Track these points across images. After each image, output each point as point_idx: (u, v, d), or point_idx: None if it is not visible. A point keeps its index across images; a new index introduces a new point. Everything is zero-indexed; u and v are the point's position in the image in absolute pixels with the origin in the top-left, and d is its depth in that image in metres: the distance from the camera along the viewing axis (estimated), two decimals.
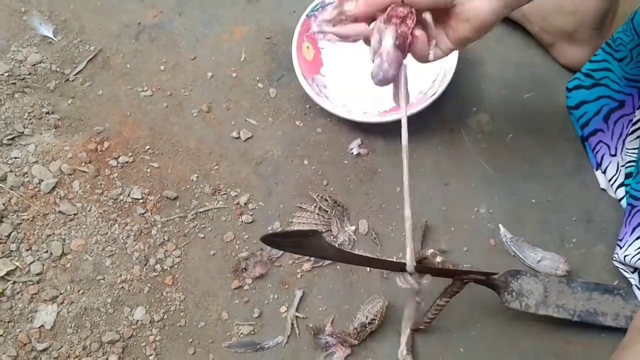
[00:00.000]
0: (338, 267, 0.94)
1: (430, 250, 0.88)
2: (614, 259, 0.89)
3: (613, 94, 0.94)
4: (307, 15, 1.04)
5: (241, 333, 0.90)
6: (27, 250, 0.93)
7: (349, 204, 0.97)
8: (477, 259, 0.94)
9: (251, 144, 1.02)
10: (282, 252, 0.94)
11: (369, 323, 0.86)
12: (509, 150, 1.02)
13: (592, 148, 0.98)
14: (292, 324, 0.90)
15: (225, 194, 0.98)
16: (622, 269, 0.89)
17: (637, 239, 0.86)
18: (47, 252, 0.93)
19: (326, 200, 0.96)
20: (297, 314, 0.91)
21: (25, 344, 0.88)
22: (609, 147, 0.96)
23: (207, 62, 1.09)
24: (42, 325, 0.89)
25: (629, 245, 0.86)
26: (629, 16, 0.86)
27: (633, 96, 0.92)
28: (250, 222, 0.97)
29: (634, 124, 0.93)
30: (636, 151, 0.91)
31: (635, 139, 0.93)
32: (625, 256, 0.86)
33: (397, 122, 0.95)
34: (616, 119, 0.95)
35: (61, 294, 0.92)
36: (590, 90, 0.96)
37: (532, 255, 0.92)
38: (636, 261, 0.84)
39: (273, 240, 0.66)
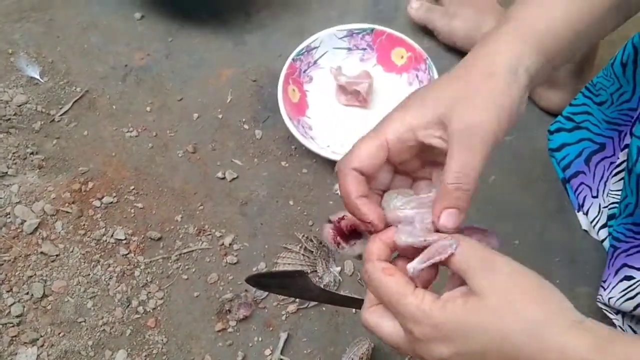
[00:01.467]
0: (323, 308, 0.93)
1: None
2: (598, 300, 0.90)
3: (594, 136, 0.96)
4: (292, 59, 1.06)
5: None
6: (7, 291, 0.92)
7: None
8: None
9: (236, 184, 1.03)
10: (266, 293, 0.93)
11: None
12: (492, 191, 1.03)
13: (574, 190, 1.00)
14: None
15: (209, 234, 0.98)
16: (605, 310, 0.89)
17: (620, 281, 0.86)
18: (28, 293, 0.92)
19: (311, 240, 0.96)
20: (282, 357, 0.90)
21: None
22: (590, 189, 0.98)
23: (194, 103, 1.10)
24: None
25: (613, 288, 0.86)
26: (609, 61, 0.88)
27: (614, 139, 0.94)
28: (235, 263, 0.96)
29: (618, 165, 0.94)
30: (619, 193, 0.93)
31: (618, 180, 0.94)
32: (609, 298, 0.86)
33: None
34: (597, 161, 0.96)
35: (41, 336, 0.90)
36: (571, 133, 0.98)
37: None
38: (621, 304, 0.85)
39: (258, 280, 0.66)
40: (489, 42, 0.52)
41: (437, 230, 0.50)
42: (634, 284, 0.83)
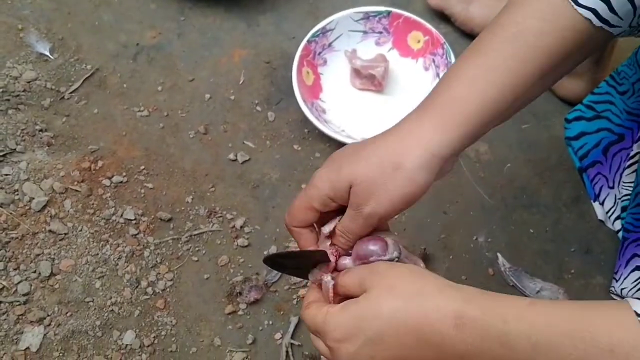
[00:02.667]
0: None
1: None
2: (611, 291, 0.89)
3: (613, 127, 0.94)
4: (307, 41, 1.04)
5: None
6: (14, 269, 0.90)
7: None
8: (476, 288, 0.92)
9: (248, 167, 1.01)
10: (278, 276, 0.92)
11: None
12: (507, 180, 1.01)
13: (591, 179, 0.99)
14: (287, 352, 0.88)
15: (220, 216, 0.97)
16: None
17: (632, 271, 0.85)
18: (35, 272, 0.91)
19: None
20: (292, 341, 0.88)
21: None
22: (607, 179, 0.96)
23: (205, 84, 1.08)
24: (28, 348, 0.86)
25: (625, 278, 0.85)
26: (629, 49, 0.87)
27: (633, 130, 0.92)
28: (246, 246, 0.95)
29: (631, 157, 0.93)
30: (631, 184, 0.91)
31: (631, 172, 0.93)
32: (622, 289, 0.85)
33: None
34: (615, 152, 0.95)
35: (48, 315, 0.88)
36: (591, 122, 0.97)
37: (531, 285, 0.91)
38: (633, 294, 0.84)
39: (276, 260, 0.64)
40: (404, 131, 0.57)
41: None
42: None
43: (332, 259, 0.61)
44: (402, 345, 0.51)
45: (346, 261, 0.61)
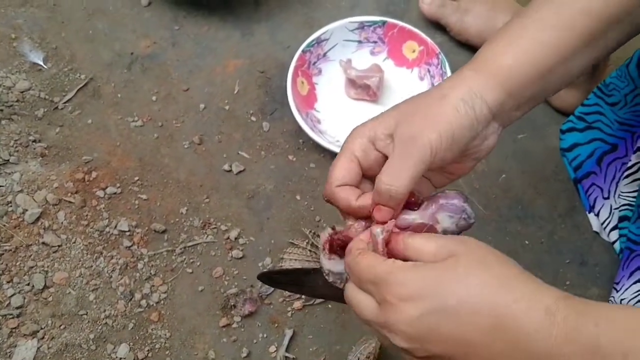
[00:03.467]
0: (330, 305, 0.91)
1: None
2: (610, 302, 0.89)
3: (606, 137, 0.94)
4: (302, 51, 1.04)
5: None
6: (7, 282, 0.90)
7: None
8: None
9: (243, 177, 1.01)
10: (272, 289, 0.92)
11: None
12: (502, 190, 1.01)
13: (585, 190, 0.99)
14: None
15: (215, 228, 0.96)
16: None
17: (634, 283, 0.85)
18: (28, 284, 0.90)
19: (318, 236, 0.95)
20: (286, 354, 0.88)
21: None
22: (601, 189, 0.96)
23: (200, 93, 1.08)
24: None
25: (626, 289, 0.85)
26: (624, 61, 0.87)
27: (626, 140, 0.92)
28: (241, 258, 0.94)
29: (629, 168, 0.93)
30: (631, 194, 0.91)
31: (630, 182, 0.93)
32: (621, 300, 0.85)
33: None
34: (609, 162, 0.95)
35: (42, 328, 0.88)
36: (583, 132, 0.97)
37: None
38: (633, 305, 0.84)
39: (270, 277, 0.64)
40: (453, 77, 0.56)
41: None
42: None
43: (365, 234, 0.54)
44: (474, 326, 0.45)
45: (411, 216, 0.54)
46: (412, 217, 0.54)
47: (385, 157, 0.54)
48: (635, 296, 0.83)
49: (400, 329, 0.47)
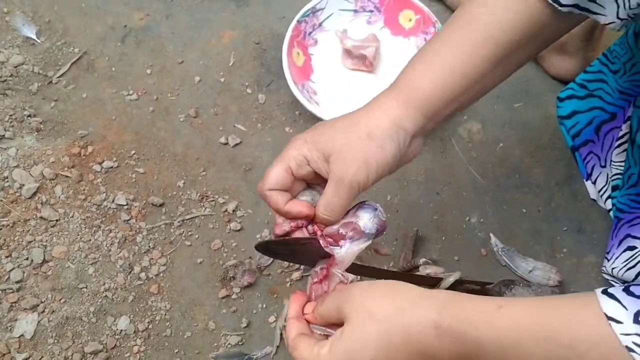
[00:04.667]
0: None
1: (422, 260, 0.87)
2: (603, 271, 0.89)
3: (606, 105, 0.94)
4: (297, 21, 1.03)
5: (229, 343, 0.88)
6: (6, 257, 0.90)
7: None
8: (468, 268, 0.93)
9: (240, 150, 1.00)
10: (271, 260, 0.92)
11: None
12: (500, 159, 1.01)
13: (583, 158, 0.98)
14: (281, 334, 0.88)
15: (212, 200, 0.96)
16: (612, 281, 0.89)
17: (623, 251, 0.85)
18: (27, 259, 0.90)
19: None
20: (286, 324, 0.89)
21: (4, 354, 0.84)
22: (599, 158, 0.96)
23: (195, 66, 1.07)
24: (22, 335, 0.86)
25: (616, 258, 0.86)
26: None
27: (624, 109, 0.92)
28: (239, 230, 0.95)
29: (620, 137, 0.93)
30: (621, 163, 0.91)
31: (621, 152, 0.93)
32: (612, 269, 0.86)
33: None
34: (607, 131, 0.95)
35: (42, 302, 0.88)
36: (583, 100, 0.96)
37: (524, 265, 0.91)
38: (623, 274, 0.84)
39: (268, 247, 0.64)
40: (378, 107, 0.61)
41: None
42: (635, 253, 0.83)
43: (322, 242, 0.61)
44: (401, 354, 0.52)
45: (341, 251, 0.61)
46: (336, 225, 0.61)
47: (317, 174, 0.61)
48: (625, 264, 0.83)
49: None
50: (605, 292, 0.46)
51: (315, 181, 0.63)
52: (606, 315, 0.44)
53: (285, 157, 0.61)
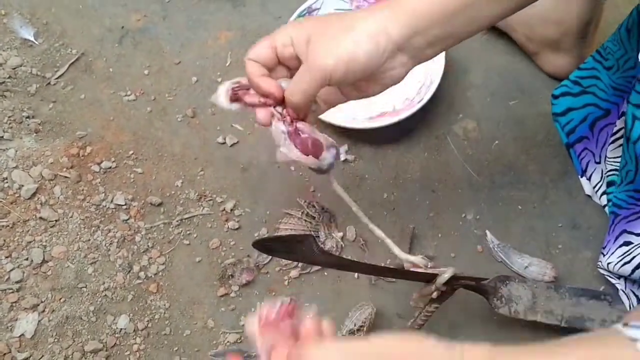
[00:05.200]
0: (326, 273, 0.93)
1: (418, 256, 0.88)
2: (599, 266, 0.90)
3: (600, 102, 0.94)
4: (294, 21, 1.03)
5: (227, 341, 0.88)
6: (6, 257, 0.91)
7: (336, 210, 0.96)
8: (465, 265, 0.93)
9: (237, 149, 1.01)
10: (269, 258, 0.93)
11: (357, 330, 0.86)
12: (495, 156, 1.02)
13: (578, 155, 0.99)
14: None
15: (210, 200, 0.97)
16: (608, 276, 0.90)
17: (619, 246, 0.86)
18: (27, 259, 0.91)
19: (313, 206, 0.96)
20: None
21: (5, 354, 0.85)
22: (593, 154, 0.97)
23: (192, 66, 1.08)
24: (23, 335, 0.87)
25: (612, 253, 0.87)
26: (615, 24, 0.87)
27: (619, 105, 0.93)
28: (237, 229, 0.95)
29: (615, 133, 0.93)
30: (617, 159, 0.92)
31: (616, 147, 0.94)
32: (608, 263, 0.86)
33: (385, 129, 0.96)
34: (601, 127, 0.95)
35: (42, 302, 0.89)
36: (577, 97, 0.97)
37: (520, 261, 0.92)
38: (619, 268, 0.85)
39: (265, 245, 0.66)
40: (368, 9, 0.62)
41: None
42: (631, 248, 0.83)
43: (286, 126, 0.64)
44: None
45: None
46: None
47: (298, 58, 0.63)
48: (620, 260, 0.84)
49: None
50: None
51: (296, 70, 0.65)
52: None
53: (274, 36, 0.64)
